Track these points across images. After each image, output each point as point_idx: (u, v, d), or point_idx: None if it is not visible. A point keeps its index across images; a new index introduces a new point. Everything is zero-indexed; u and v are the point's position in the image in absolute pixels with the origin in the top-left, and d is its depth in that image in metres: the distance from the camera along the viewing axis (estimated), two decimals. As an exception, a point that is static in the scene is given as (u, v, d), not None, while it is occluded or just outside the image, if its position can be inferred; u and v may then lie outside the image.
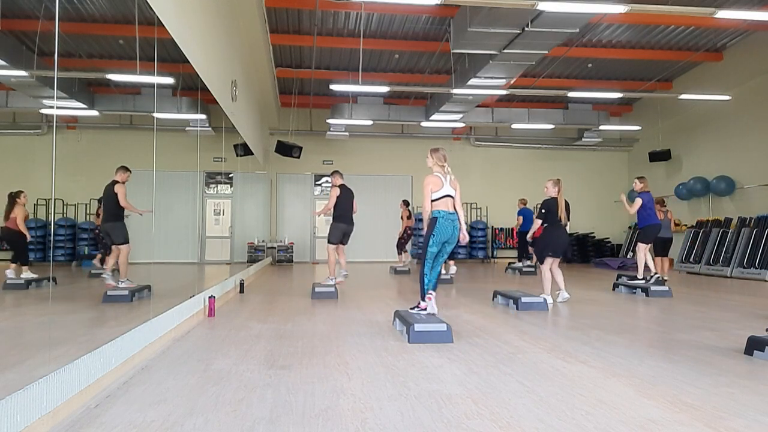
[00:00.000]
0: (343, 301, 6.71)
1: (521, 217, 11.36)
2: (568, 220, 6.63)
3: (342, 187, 7.43)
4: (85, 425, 2.38)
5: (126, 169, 6.30)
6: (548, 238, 6.60)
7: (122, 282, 6.07)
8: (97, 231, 8.39)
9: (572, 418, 2.47)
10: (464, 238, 4.85)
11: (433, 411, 2.57)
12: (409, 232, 11.96)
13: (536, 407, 2.63)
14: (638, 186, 7.93)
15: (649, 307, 6.36)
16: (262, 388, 2.94)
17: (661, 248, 9.33)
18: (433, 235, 4.66)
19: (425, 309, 4.74)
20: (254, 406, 2.63)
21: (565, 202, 6.59)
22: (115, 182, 6.12)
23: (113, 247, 6.26)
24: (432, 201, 4.72)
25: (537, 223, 6.72)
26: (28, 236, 6.52)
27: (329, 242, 7.42)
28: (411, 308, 4.93)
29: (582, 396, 2.82)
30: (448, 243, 4.75)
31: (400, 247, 12.07)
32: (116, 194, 6.05)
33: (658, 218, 8.91)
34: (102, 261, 7.57)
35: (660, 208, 9.43)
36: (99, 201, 7.49)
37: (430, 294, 4.75)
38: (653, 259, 8.01)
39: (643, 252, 7.64)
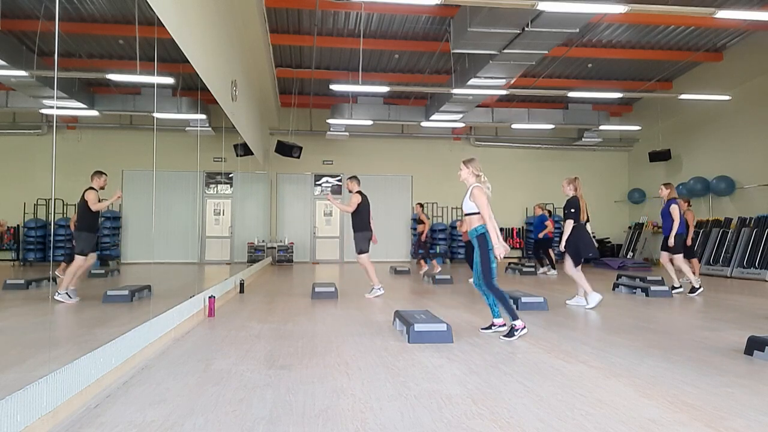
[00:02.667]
0: (343, 301, 6.71)
1: (551, 222, 10.97)
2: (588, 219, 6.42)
3: (360, 193, 7.26)
4: (85, 425, 2.38)
5: (100, 173, 6.07)
6: (579, 239, 6.22)
7: (59, 294, 5.62)
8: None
9: (572, 418, 2.47)
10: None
11: (433, 411, 2.57)
12: (425, 237, 11.46)
13: (536, 407, 2.63)
14: (665, 192, 7.62)
15: (649, 307, 6.36)
16: (262, 388, 2.94)
17: (693, 250, 9.31)
18: (491, 250, 4.42)
19: (523, 328, 4.37)
20: (254, 406, 2.63)
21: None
22: (89, 188, 5.91)
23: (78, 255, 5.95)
24: (473, 215, 4.51)
25: (569, 224, 6.22)
26: None
27: (363, 252, 7.16)
28: (504, 335, 4.40)
29: (582, 396, 2.82)
30: None
31: (424, 252, 11.42)
32: (85, 201, 5.83)
33: (690, 218, 8.87)
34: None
35: (688, 208, 9.31)
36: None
37: (503, 325, 4.49)
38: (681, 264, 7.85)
39: (681, 262, 7.49)
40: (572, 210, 6.21)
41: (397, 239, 16.10)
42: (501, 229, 13.69)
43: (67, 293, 5.67)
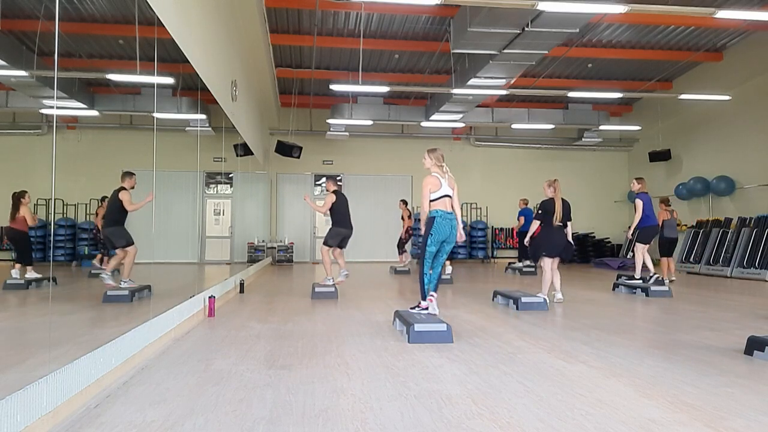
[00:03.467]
0: (343, 301, 6.71)
1: (523, 218, 11.41)
2: (569, 220, 6.56)
3: (336, 192, 7.40)
4: (85, 425, 2.38)
5: (130, 174, 6.44)
6: (542, 238, 6.57)
7: (124, 282, 6.12)
8: (95, 231, 8.47)
9: (572, 418, 2.47)
10: (461, 237, 4.86)
11: (433, 411, 2.57)
12: (410, 232, 11.95)
13: (536, 407, 2.63)
14: (636, 186, 7.88)
15: (649, 307, 6.36)
16: (262, 388, 2.94)
17: (667, 248, 9.33)
18: (431, 235, 4.68)
19: (426, 308, 4.76)
20: (254, 406, 2.63)
21: (565, 202, 6.51)
22: (121, 189, 6.26)
23: (119, 250, 6.34)
24: (430, 201, 4.75)
25: (535, 223, 6.73)
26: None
27: (325, 244, 7.42)
28: (411, 308, 4.94)
29: (582, 396, 2.82)
30: (447, 242, 4.76)
31: (400, 247, 12.09)
32: (120, 201, 6.18)
33: (663, 218, 9.06)
34: (101, 261, 7.59)
35: (665, 207, 9.43)
36: (101, 200, 7.48)
37: (432, 295, 4.75)
38: (659, 261, 7.99)
39: (641, 252, 7.71)
40: (539, 212, 6.63)
41: (397, 239, 16.09)
42: (501, 229, 13.96)
43: (131, 279, 6.19)
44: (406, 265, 11.71)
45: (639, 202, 7.63)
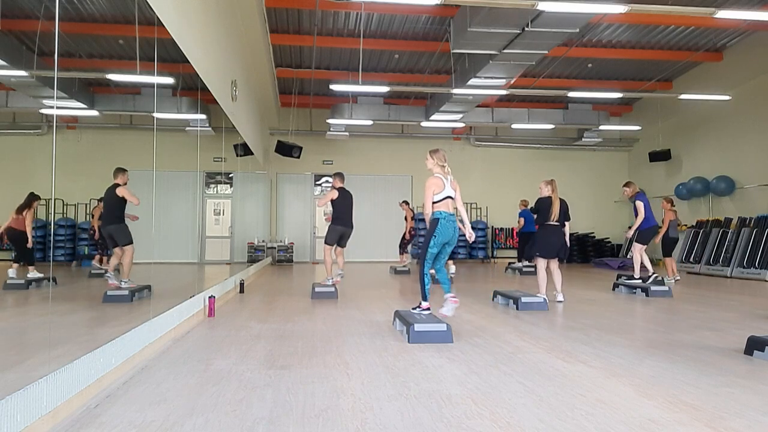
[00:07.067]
0: (343, 301, 6.71)
1: (522, 219, 11.41)
2: (567, 220, 6.58)
3: (341, 190, 7.42)
4: (85, 425, 2.38)
5: (123, 170, 6.38)
6: (539, 238, 6.61)
7: (124, 282, 6.11)
8: (92, 231, 8.44)
9: (572, 418, 2.47)
10: (471, 236, 4.83)
11: (433, 411, 2.57)
12: (412, 232, 11.97)
13: (536, 407, 2.63)
14: (629, 192, 7.93)
15: (649, 307, 6.36)
16: (262, 388, 2.94)
17: (670, 248, 9.35)
18: (435, 236, 4.66)
19: (427, 309, 4.74)
20: (254, 406, 2.63)
21: (563, 202, 6.54)
22: (116, 185, 6.19)
23: (116, 248, 6.30)
24: (433, 203, 4.72)
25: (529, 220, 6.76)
26: (30, 241, 6.61)
27: (326, 243, 7.43)
28: (413, 308, 4.92)
29: (582, 396, 2.82)
30: (448, 244, 4.76)
31: (402, 247, 12.11)
32: (119, 197, 6.12)
33: (669, 218, 9.15)
34: (101, 261, 7.59)
35: (670, 207, 9.42)
36: (98, 201, 7.47)
37: (454, 298, 4.74)
38: (660, 261, 8.00)
39: (639, 252, 7.77)
40: (534, 209, 6.70)
41: (397, 239, 16.08)
42: (501, 229, 14.00)
43: (130, 279, 6.14)
44: (407, 266, 11.72)
45: (641, 204, 7.66)
